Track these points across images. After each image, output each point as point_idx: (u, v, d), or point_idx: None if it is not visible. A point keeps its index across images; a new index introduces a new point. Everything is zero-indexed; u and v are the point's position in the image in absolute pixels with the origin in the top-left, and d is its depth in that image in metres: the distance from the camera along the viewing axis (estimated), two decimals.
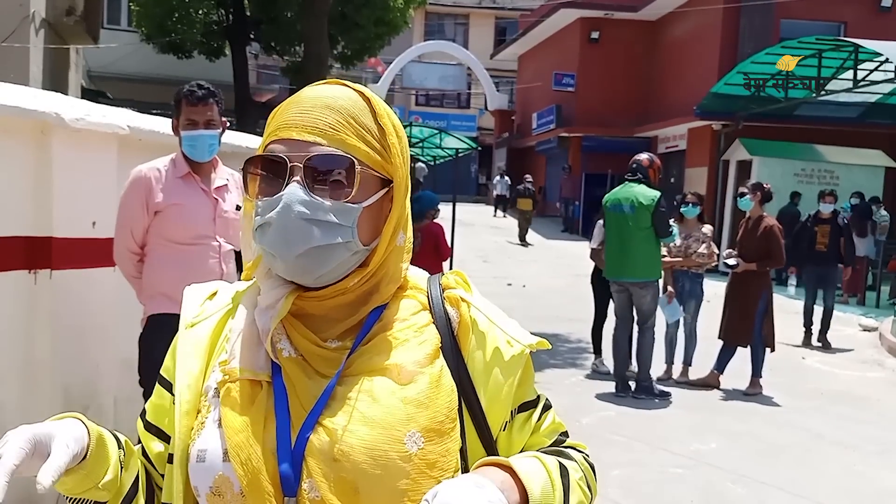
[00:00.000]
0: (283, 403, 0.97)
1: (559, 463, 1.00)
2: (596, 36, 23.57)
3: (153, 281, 3.29)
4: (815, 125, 16.99)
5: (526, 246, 19.41)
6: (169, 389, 1.07)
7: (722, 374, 7.08)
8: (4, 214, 3.20)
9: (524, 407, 1.07)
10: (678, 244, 7.13)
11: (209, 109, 3.26)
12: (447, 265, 7.16)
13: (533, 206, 20.26)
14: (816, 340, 9.35)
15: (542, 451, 1.05)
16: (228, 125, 3.51)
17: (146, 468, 1.07)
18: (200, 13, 14.50)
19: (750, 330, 6.92)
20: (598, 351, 7.57)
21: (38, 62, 9.38)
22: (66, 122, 3.30)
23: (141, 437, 1.09)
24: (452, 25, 36.69)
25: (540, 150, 27.07)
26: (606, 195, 6.73)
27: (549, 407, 1.12)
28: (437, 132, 15.28)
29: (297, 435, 0.95)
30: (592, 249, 7.27)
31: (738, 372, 7.02)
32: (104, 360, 3.73)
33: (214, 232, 3.31)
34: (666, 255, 6.97)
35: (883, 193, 15.94)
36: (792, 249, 9.34)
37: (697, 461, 5.12)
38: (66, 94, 5.97)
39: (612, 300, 7.04)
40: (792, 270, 9.63)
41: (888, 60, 13.36)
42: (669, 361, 7.36)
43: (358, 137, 0.99)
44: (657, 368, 7.02)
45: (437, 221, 7.11)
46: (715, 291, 8.47)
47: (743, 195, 7.27)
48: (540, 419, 1.09)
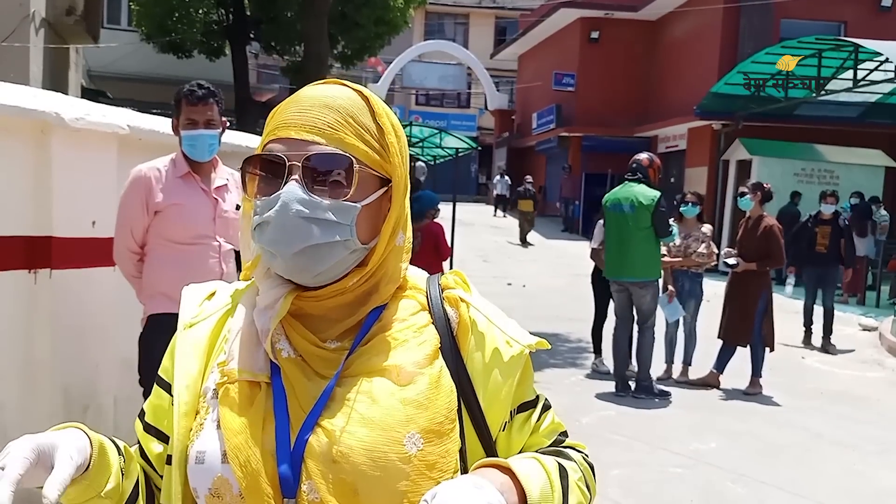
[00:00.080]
0: (282, 404, 0.96)
1: (558, 464, 1.00)
2: (596, 36, 23.56)
3: (153, 280, 3.29)
4: (815, 125, 16.98)
5: (526, 247, 19.40)
6: (167, 390, 1.06)
7: (722, 373, 7.08)
8: (4, 214, 3.20)
9: (523, 407, 1.07)
10: (678, 244, 7.13)
11: (209, 109, 3.26)
12: (447, 265, 7.16)
13: (534, 206, 20.26)
14: (820, 346, 9.14)
15: (541, 451, 1.05)
16: (228, 125, 3.51)
17: (145, 471, 1.07)
18: (200, 13, 14.49)
19: (750, 329, 6.92)
20: (598, 350, 7.57)
21: (38, 62, 9.38)
22: (66, 121, 3.30)
23: (140, 438, 1.09)
24: (452, 25, 36.68)
25: (540, 149, 27.07)
26: (606, 195, 6.73)
27: (548, 407, 1.11)
28: (437, 132, 15.29)
29: (296, 436, 0.94)
30: (593, 249, 7.27)
31: (737, 371, 7.03)
32: (104, 359, 3.73)
33: (214, 232, 3.31)
34: (665, 254, 6.97)
35: (883, 193, 15.93)
36: (790, 249, 9.33)
37: (697, 461, 5.12)
38: (66, 93, 5.97)
39: (612, 300, 7.04)
40: (791, 270, 9.56)
41: (888, 60, 13.35)
42: (669, 361, 7.36)
43: (357, 136, 0.99)
44: (657, 368, 7.02)
45: (437, 221, 7.10)
46: (715, 291, 8.47)
47: (743, 195, 7.28)
48: (539, 419, 1.09)
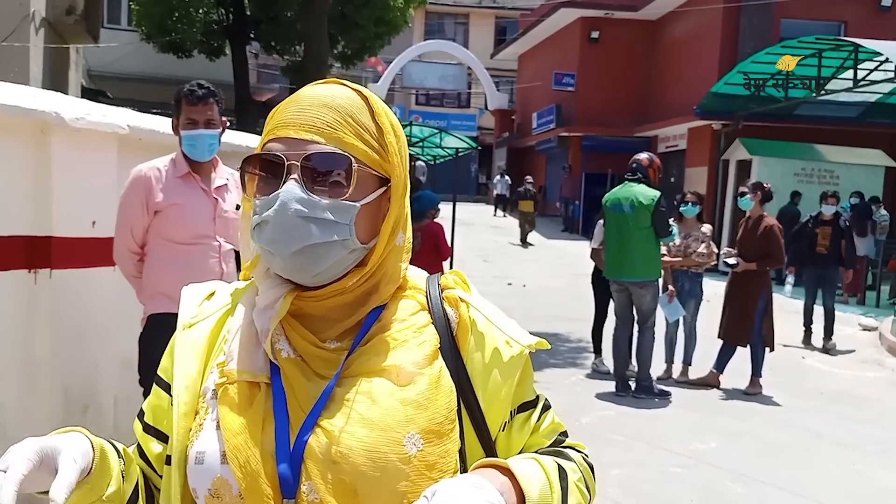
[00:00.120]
0: (281, 405, 0.96)
1: (557, 465, 1.00)
2: (596, 35, 23.56)
3: (153, 280, 3.29)
4: (815, 125, 16.97)
5: (526, 247, 19.36)
6: (167, 390, 1.06)
7: (722, 373, 7.08)
8: (4, 214, 3.20)
9: (523, 407, 1.07)
10: (678, 244, 7.14)
11: (209, 109, 3.26)
12: (447, 265, 7.16)
13: (534, 207, 20.23)
14: (821, 347, 9.07)
15: (540, 451, 1.05)
16: (228, 125, 3.51)
17: (144, 472, 1.06)
18: (200, 12, 14.49)
19: (749, 329, 6.92)
20: (598, 350, 7.57)
21: (38, 61, 9.38)
22: (66, 121, 3.30)
23: (139, 438, 1.08)
24: (452, 25, 36.68)
25: (540, 149, 27.07)
26: (606, 195, 6.73)
27: (548, 407, 1.11)
28: (437, 132, 15.30)
29: (295, 437, 0.94)
30: (593, 249, 7.27)
31: (737, 371, 7.03)
32: (104, 359, 3.74)
33: (214, 231, 3.31)
34: (665, 254, 6.97)
35: (883, 193, 15.93)
36: (789, 248, 9.30)
37: (697, 460, 5.12)
38: (66, 93, 5.97)
39: (612, 300, 7.04)
40: (791, 270, 9.53)
41: (888, 60, 13.35)
42: (669, 361, 7.36)
43: (356, 136, 0.99)
44: (657, 368, 7.02)
45: (437, 221, 7.11)
46: (714, 291, 8.47)
47: (743, 195, 7.27)
48: (539, 419, 1.09)
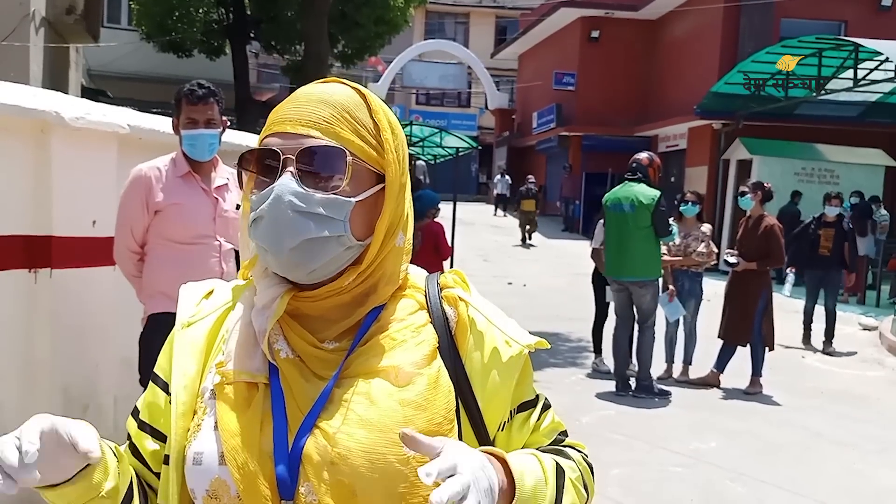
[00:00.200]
0: (279, 406, 0.96)
1: (556, 462, 1.00)
2: (596, 35, 23.55)
3: (153, 280, 3.29)
4: (815, 124, 16.96)
5: (528, 248, 19.25)
6: (164, 389, 1.06)
7: (722, 373, 7.08)
8: (4, 213, 3.20)
9: (523, 407, 1.07)
10: (677, 243, 7.14)
11: (209, 108, 3.26)
12: (447, 264, 7.16)
13: (536, 206, 20.16)
14: (821, 348, 8.98)
15: (540, 450, 1.05)
16: (229, 124, 3.52)
17: (137, 471, 1.05)
18: (200, 12, 14.50)
19: (750, 329, 6.92)
20: (598, 350, 7.57)
21: (38, 61, 9.38)
22: (66, 121, 3.30)
23: (133, 436, 1.07)
24: (453, 24, 36.67)
25: (540, 149, 27.06)
26: (606, 194, 6.73)
27: (548, 406, 1.11)
28: (437, 131, 15.31)
29: (293, 438, 0.94)
30: (594, 249, 7.26)
31: (738, 371, 7.03)
32: (104, 359, 3.74)
33: (214, 231, 3.31)
34: (665, 254, 6.97)
35: (883, 193, 15.93)
36: (790, 248, 9.26)
37: (697, 460, 5.12)
38: (66, 92, 5.97)
39: (605, 298, 7.05)
40: (792, 269, 9.49)
41: (888, 60, 13.34)
42: (669, 360, 7.36)
43: (352, 131, 0.99)
44: (657, 367, 7.02)
45: (437, 220, 7.11)
46: (715, 290, 8.47)
47: (744, 194, 7.27)
48: (539, 419, 1.09)
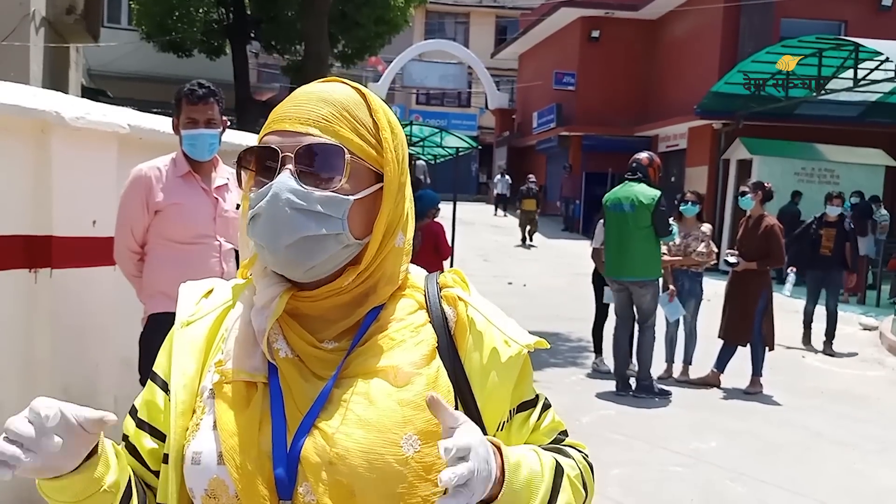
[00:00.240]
0: (278, 406, 0.96)
1: (555, 459, 1.00)
2: (596, 35, 23.55)
3: (153, 280, 3.29)
4: (815, 124, 16.96)
5: (529, 248, 19.14)
6: (163, 388, 1.05)
7: (722, 373, 7.08)
8: (4, 213, 3.20)
9: (523, 406, 1.07)
10: (677, 243, 7.14)
11: (210, 108, 3.26)
12: (447, 264, 7.16)
13: (537, 205, 20.11)
14: (822, 349, 8.94)
15: (540, 447, 1.05)
16: (229, 124, 3.52)
17: (135, 470, 1.04)
18: (200, 12, 14.50)
19: (750, 329, 6.91)
20: (598, 350, 7.57)
21: (38, 61, 9.38)
22: (66, 120, 3.30)
23: (132, 435, 1.06)
24: (453, 24, 36.66)
25: (540, 149, 27.06)
26: (606, 194, 6.73)
27: (548, 406, 1.11)
28: (437, 131, 15.32)
29: (292, 438, 0.94)
30: (594, 249, 7.26)
31: (738, 371, 7.02)
32: (104, 359, 3.73)
33: (215, 231, 3.31)
34: (665, 253, 6.97)
35: (883, 192, 15.93)
36: (791, 248, 9.25)
37: (697, 460, 5.12)
38: (66, 92, 5.98)
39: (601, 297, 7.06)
40: (792, 269, 9.45)
41: (888, 59, 13.34)
42: (670, 360, 7.36)
43: (351, 130, 0.99)
44: (657, 367, 7.02)
45: (437, 220, 7.11)
46: (715, 290, 8.47)
47: (744, 194, 7.27)
48: (539, 419, 1.09)
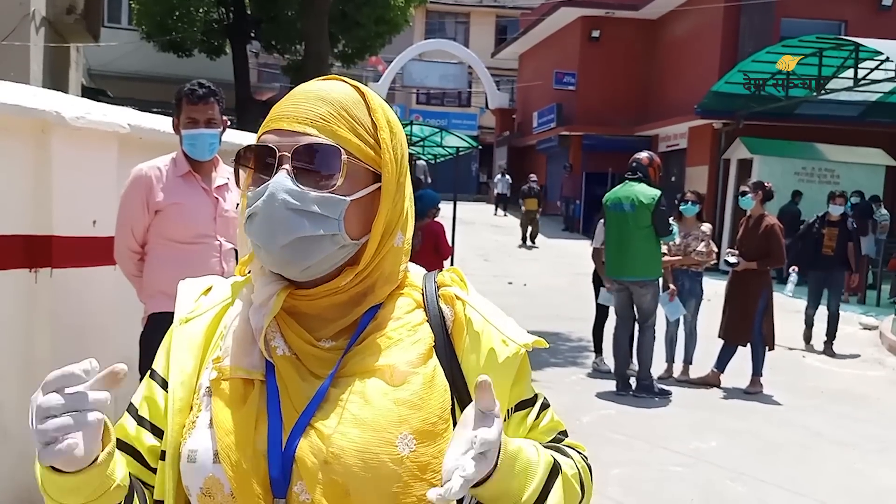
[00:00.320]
0: (275, 404, 0.96)
1: (552, 456, 1.00)
2: (596, 34, 23.55)
3: (154, 280, 3.29)
4: (815, 124, 16.96)
5: (530, 249, 19.03)
6: (162, 385, 1.05)
7: (722, 372, 7.08)
8: (5, 213, 3.20)
9: (521, 406, 1.06)
10: (677, 243, 7.14)
11: (210, 108, 3.26)
12: (447, 264, 7.16)
13: (539, 205, 20.04)
14: (822, 350, 8.91)
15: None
16: (229, 124, 3.52)
17: (131, 468, 1.02)
18: (201, 11, 14.51)
19: (750, 329, 6.91)
20: (598, 349, 7.57)
21: (38, 60, 9.39)
22: (66, 120, 3.30)
23: (134, 431, 1.05)
24: (453, 24, 36.66)
25: (541, 148, 27.05)
26: (607, 194, 6.74)
27: (546, 406, 1.10)
28: (437, 131, 15.31)
29: (288, 437, 0.94)
30: (594, 249, 7.26)
31: (738, 370, 7.02)
32: (104, 359, 3.67)
33: (215, 231, 3.31)
34: (665, 253, 6.97)
35: (883, 192, 15.93)
36: (793, 248, 9.24)
37: (697, 459, 5.13)
38: (66, 92, 5.98)
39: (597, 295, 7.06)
40: (794, 268, 9.42)
41: (889, 59, 13.34)
42: (670, 360, 7.36)
43: (349, 129, 0.98)
44: (658, 367, 7.02)
45: (437, 220, 7.11)
46: (715, 290, 8.47)
47: (744, 194, 7.26)
48: (538, 418, 1.08)
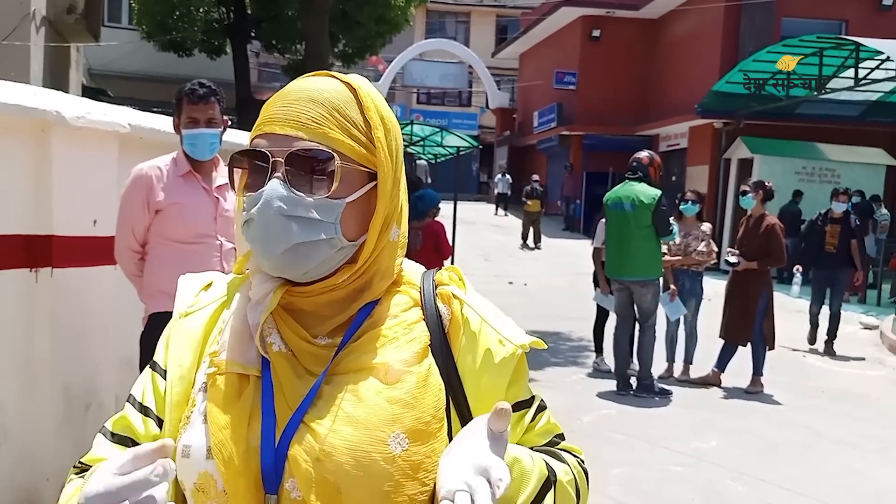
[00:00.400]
0: (269, 400, 0.96)
1: (545, 461, 0.98)
2: (597, 34, 23.55)
3: (154, 279, 3.29)
4: (816, 123, 16.96)
5: (531, 249, 18.92)
6: (163, 375, 1.05)
7: (723, 372, 7.08)
8: (5, 213, 3.20)
9: (517, 407, 1.05)
10: (678, 242, 7.13)
11: (210, 108, 3.26)
12: (448, 264, 7.15)
13: (541, 206, 19.95)
14: (823, 350, 8.89)
15: (534, 449, 1.02)
16: (229, 123, 3.52)
17: None
18: (201, 11, 14.52)
19: (750, 328, 6.91)
20: (599, 349, 7.57)
21: (38, 60, 9.39)
22: (66, 120, 3.30)
23: (137, 425, 1.03)
24: (454, 23, 36.65)
25: (541, 148, 27.06)
26: (607, 194, 6.74)
27: (543, 408, 1.09)
28: (438, 130, 15.32)
29: (281, 433, 0.93)
30: (595, 248, 7.25)
31: (739, 370, 7.02)
32: (104, 358, 3.74)
33: (215, 231, 3.31)
34: (666, 253, 6.97)
35: (884, 192, 15.94)
36: (800, 249, 9.23)
37: (698, 459, 5.13)
38: (66, 92, 5.98)
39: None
40: (798, 268, 9.39)
41: (889, 59, 13.35)
42: (670, 360, 7.36)
43: (342, 131, 0.97)
44: (658, 367, 7.02)
45: (437, 220, 7.11)
46: (715, 290, 8.47)
47: (745, 193, 7.26)
48: (534, 419, 1.07)
